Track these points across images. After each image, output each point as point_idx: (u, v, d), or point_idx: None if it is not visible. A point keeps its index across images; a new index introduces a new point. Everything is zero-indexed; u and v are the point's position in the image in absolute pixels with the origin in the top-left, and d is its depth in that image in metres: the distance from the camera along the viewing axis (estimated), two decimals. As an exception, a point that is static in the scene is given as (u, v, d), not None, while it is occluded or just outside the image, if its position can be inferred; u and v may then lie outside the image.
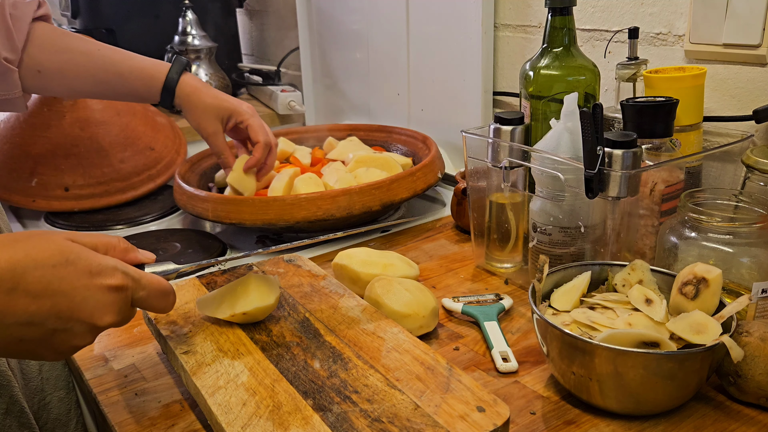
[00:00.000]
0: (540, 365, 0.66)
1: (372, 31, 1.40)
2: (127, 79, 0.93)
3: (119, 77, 0.93)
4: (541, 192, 0.76)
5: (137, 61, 0.94)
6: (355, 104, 1.53)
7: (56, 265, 0.48)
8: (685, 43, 0.87)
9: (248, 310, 0.64)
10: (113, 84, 0.93)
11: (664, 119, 0.73)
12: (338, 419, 0.51)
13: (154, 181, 1.22)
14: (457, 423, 0.50)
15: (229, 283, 0.68)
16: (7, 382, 0.69)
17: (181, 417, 0.61)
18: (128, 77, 0.93)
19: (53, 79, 0.91)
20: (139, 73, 0.94)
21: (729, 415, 0.58)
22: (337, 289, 0.72)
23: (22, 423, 0.71)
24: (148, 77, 0.94)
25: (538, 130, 0.82)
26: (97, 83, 0.93)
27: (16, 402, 0.70)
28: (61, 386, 0.79)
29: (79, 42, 0.93)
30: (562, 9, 0.79)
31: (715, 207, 0.69)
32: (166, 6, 1.69)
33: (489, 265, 0.87)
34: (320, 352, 0.60)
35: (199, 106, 0.95)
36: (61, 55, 0.91)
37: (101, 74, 0.92)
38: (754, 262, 0.64)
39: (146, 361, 0.70)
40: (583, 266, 0.68)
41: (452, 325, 0.75)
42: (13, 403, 0.70)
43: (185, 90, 0.95)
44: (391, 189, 0.97)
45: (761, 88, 0.81)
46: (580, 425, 0.58)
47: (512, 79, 1.15)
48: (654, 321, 0.60)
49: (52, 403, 0.78)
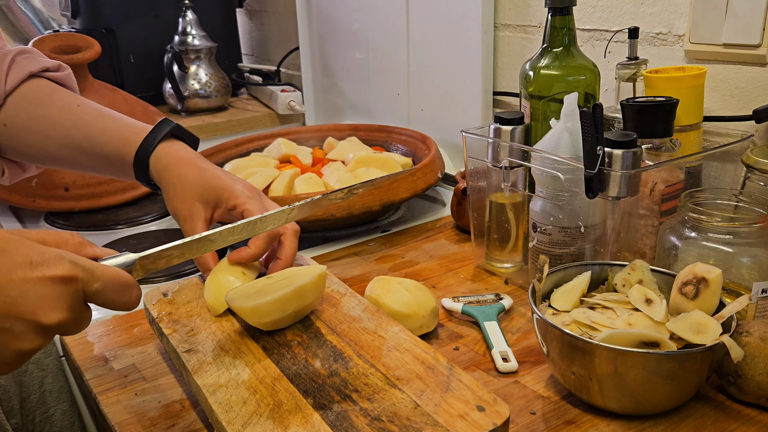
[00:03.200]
0: (540, 365, 0.66)
1: (372, 31, 1.40)
2: (97, 142, 0.73)
3: (89, 138, 0.73)
4: (541, 192, 0.76)
5: (117, 122, 0.74)
6: (355, 104, 1.53)
7: None
8: (685, 43, 0.87)
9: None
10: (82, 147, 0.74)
11: (664, 119, 0.73)
12: (338, 418, 0.51)
13: (154, 181, 1.22)
14: (457, 422, 0.50)
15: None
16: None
17: (181, 417, 0.61)
18: (98, 140, 0.73)
19: (18, 135, 0.75)
20: (112, 134, 0.73)
21: (729, 415, 0.58)
22: (339, 288, 0.72)
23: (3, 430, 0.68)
24: (121, 141, 0.72)
25: (538, 130, 0.82)
26: (62, 146, 0.74)
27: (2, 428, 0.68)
28: (64, 399, 0.77)
29: (67, 98, 0.76)
30: (562, 9, 0.79)
31: (715, 207, 0.69)
32: (166, 6, 1.69)
33: (489, 265, 0.87)
34: (321, 351, 0.60)
35: (176, 181, 0.71)
36: (36, 109, 0.74)
37: (71, 133, 0.74)
38: (754, 262, 0.65)
39: (146, 361, 0.70)
40: (583, 266, 0.68)
41: (452, 325, 0.75)
42: None
43: (162, 161, 0.71)
44: (391, 189, 0.97)
45: (761, 88, 0.81)
46: (580, 425, 0.58)
47: (512, 79, 1.15)
48: (654, 321, 0.60)
49: (55, 416, 0.77)
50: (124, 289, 0.49)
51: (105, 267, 0.48)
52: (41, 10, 1.71)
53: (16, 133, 0.75)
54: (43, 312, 0.44)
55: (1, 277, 0.43)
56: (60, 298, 0.44)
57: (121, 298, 0.49)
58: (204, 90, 1.65)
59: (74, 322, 0.46)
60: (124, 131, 0.73)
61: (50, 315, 0.44)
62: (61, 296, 0.44)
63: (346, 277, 0.87)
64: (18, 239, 0.45)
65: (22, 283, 0.43)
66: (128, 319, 0.79)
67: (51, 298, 0.44)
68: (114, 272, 0.48)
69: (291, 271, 0.67)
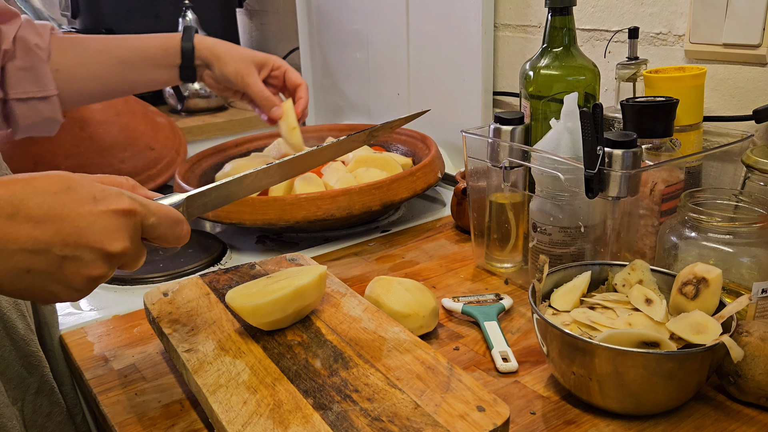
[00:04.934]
0: (540, 365, 0.66)
1: (372, 31, 1.40)
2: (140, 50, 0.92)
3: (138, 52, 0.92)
4: (541, 192, 0.76)
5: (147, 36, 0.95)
6: (355, 104, 1.53)
7: (57, 192, 0.47)
8: (685, 43, 0.87)
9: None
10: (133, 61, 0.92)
11: (664, 119, 0.73)
12: (338, 418, 0.51)
13: (154, 181, 1.22)
14: (457, 422, 0.50)
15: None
16: (38, 362, 0.70)
17: (181, 417, 0.61)
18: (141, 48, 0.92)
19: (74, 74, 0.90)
20: (150, 41, 0.93)
21: (729, 415, 0.58)
22: (339, 288, 0.72)
23: (53, 402, 0.71)
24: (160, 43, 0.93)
25: (538, 130, 0.82)
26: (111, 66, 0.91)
27: (46, 381, 0.70)
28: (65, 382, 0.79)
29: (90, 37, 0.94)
30: (562, 9, 0.79)
31: (715, 207, 0.69)
32: (166, 6, 1.69)
33: (489, 265, 0.87)
34: (321, 351, 0.60)
35: (230, 50, 0.94)
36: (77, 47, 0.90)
37: (119, 53, 0.92)
38: (754, 262, 0.65)
39: (146, 361, 0.70)
40: (583, 266, 0.68)
41: (452, 325, 0.75)
42: (44, 383, 0.70)
43: (206, 43, 0.93)
44: (391, 189, 0.97)
45: (761, 88, 0.81)
46: (580, 425, 0.58)
47: (512, 79, 1.15)
48: (654, 321, 0.60)
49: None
50: (176, 224, 0.54)
51: (159, 204, 0.54)
52: (41, 10, 1.71)
53: (71, 73, 0.89)
54: (109, 241, 0.49)
55: (70, 212, 0.47)
56: (122, 229, 0.49)
57: (173, 231, 0.54)
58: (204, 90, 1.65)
59: (134, 253, 0.52)
60: (159, 38, 0.93)
61: (115, 244, 0.49)
62: (123, 227, 0.49)
63: (346, 277, 0.87)
64: (80, 178, 0.49)
65: (88, 216, 0.48)
66: (128, 319, 0.79)
67: (114, 229, 0.49)
68: (167, 209, 0.54)
69: (291, 271, 0.67)
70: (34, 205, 0.46)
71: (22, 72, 0.86)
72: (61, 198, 0.47)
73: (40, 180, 0.48)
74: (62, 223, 0.47)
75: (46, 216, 0.47)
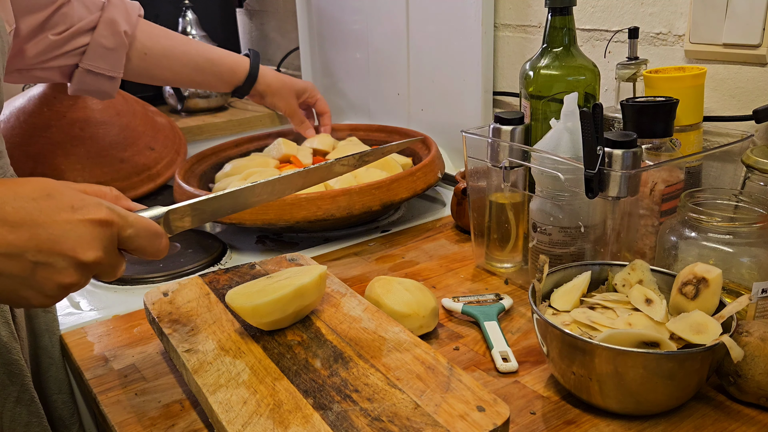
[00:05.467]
0: (540, 365, 0.66)
1: (372, 31, 1.40)
2: (217, 65, 1.08)
3: (211, 63, 1.07)
4: (541, 192, 0.76)
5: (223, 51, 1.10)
6: (355, 104, 1.53)
7: (36, 198, 0.48)
8: (685, 43, 0.87)
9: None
10: (206, 69, 1.07)
11: (664, 119, 0.73)
12: (338, 418, 0.51)
13: (154, 181, 1.22)
14: (457, 422, 0.50)
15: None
16: (20, 370, 0.69)
17: (181, 417, 0.61)
18: (215, 62, 1.07)
19: (158, 61, 1.02)
20: (225, 58, 1.09)
21: (729, 415, 0.58)
22: (339, 288, 0.72)
23: (31, 412, 0.71)
24: (230, 65, 1.09)
25: (538, 130, 0.82)
26: (185, 65, 1.04)
27: (26, 390, 0.70)
28: (65, 390, 0.78)
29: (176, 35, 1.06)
30: (562, 9, 0.79)
31: (715, 207, 0.69)
32: (166, 6, 1.69)
33: (489, 265, 0.87)
34: (321, 351, 0.60)
35: (284, 88, 1.15)
36: (166, 41, 1.02)
37: (197, 59, 1.05)
38: (754, 262, 0.65)
39: (146, 361, 0.70)
40: (583, 266, 0.68)
41: (452, 325, 0.75)
42: (24, 392, 0.70)
43: (268, 76, 1.12)
44: (391, 189, 0.97)
45: (761, 88, 0.81)
46: (580, 425, 0.58)
47: (512, 79, 1.15)
48: (654, 321, 0.60)
49: (57, 403, 0.78)
50: (154, 237, 0.54)
51: (138, 216, 0.54)
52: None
53: (156, 60, 1.01)
54: (82, 250, 0.49)
55: (47, 218, 0.48)
56: (97, 239, 0.50)
57: (152, 244, 0.54)
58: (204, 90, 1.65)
59: (109, 264, 0.52)
60: (231, 57, 1.09)
61: (88, 253, 0.49)
62: (98, 237, 0.50)
63: (346, 277, 0.87)
64: (63, 187, 0.50)
65: (64, 224, 0.48)
66: (128, 319, 0.79)
67: (89, 239, 0.49)
68: (146, 222, 0.54)
69: (291, 271, 0.67)
70: (11, 209, 0.47)
71: (103, 50, 0.94)
72: (39, 204, 0.48)
73: (22, 185, 0.49)
74: (37, 229, 0.48)
75: (22, 221, 0.47)
